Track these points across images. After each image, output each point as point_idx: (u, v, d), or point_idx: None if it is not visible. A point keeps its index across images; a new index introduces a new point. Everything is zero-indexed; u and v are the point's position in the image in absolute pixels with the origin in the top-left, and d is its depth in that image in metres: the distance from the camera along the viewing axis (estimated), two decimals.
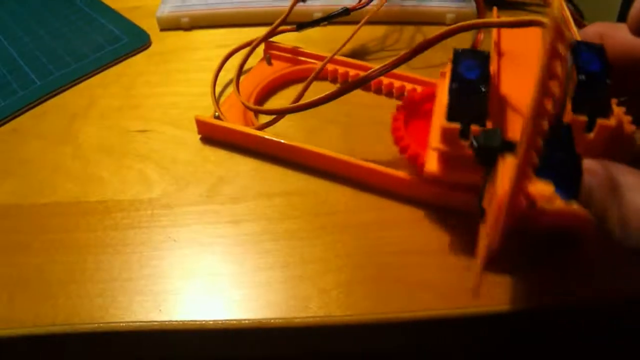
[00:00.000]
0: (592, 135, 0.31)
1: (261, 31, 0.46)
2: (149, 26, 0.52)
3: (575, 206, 0.25)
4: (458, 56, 0.33)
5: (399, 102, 0.39)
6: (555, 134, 0.26)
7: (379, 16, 0.49)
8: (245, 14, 0.50)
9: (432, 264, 0.33)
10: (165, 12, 0.52)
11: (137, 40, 0.50)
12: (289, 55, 0.46)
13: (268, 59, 0.46)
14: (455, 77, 0.31)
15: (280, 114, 0.40)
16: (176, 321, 0.32)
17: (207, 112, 0.42)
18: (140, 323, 0.32)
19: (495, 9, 0.43)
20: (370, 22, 0.48)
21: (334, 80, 0.46)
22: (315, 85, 0.40)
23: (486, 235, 0.26)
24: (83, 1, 0.56)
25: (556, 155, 0.26)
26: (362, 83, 0.36)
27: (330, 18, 0.47)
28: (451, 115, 0.31)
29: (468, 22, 0.33)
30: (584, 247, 0.28)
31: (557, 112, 0.27)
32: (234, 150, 0.40)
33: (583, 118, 0.30)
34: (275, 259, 0.34)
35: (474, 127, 0.31)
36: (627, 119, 0.33)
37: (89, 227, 0.36)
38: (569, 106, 0.30)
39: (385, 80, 0.44)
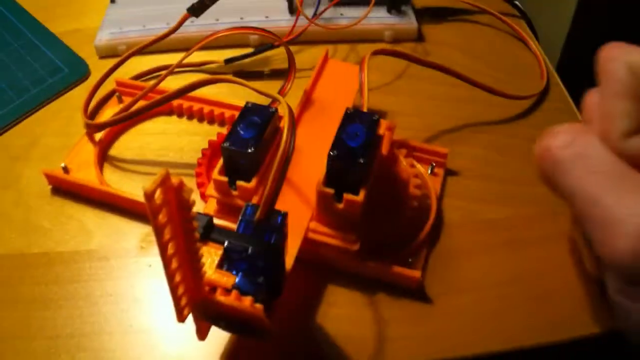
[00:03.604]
0: (341, 205, 0.35)
1: (199, 56, 0.50)
2: (89, 52, 0.53)
3: (247, 302, 0.28)
4: (245, 112, 0.37)
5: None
6: (263, 227, 0.31)
7: (314, 36, 0.51)
8: (182, 39, 0.50)
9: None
10: (103, 40, 0.53)
11: (77, 71, 0.51)
12: (139, 92, 0.46)
13: (119, 97, 0.48)
14: (229, 136, 0.36)
15: (101, 127, 0.43)
16: None
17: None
18: None
19: (327, 49, 0.47)
20: (305, 42, 0.50)
21: (180, 115, 0.48)
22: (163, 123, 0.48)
23: None
24: (27, 26, 0.56)
25: (252, 250, 0.30)
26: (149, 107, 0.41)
27: (255, 54, 0.49)
28: (225, 170, 0.36)
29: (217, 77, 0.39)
30: (256, 332, 0.31)
31: (261, 213, 0.31)
32: None
33: (329, 191, 0.34)
34: None
35: (240, 183, 0.35)
36: (415, 182, 0.39)
37: (32, 281, 0.39)
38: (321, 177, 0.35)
39: (206, 108, 0.47)
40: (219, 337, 0.35)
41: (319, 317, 0.36)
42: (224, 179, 0.36)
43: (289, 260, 0.35)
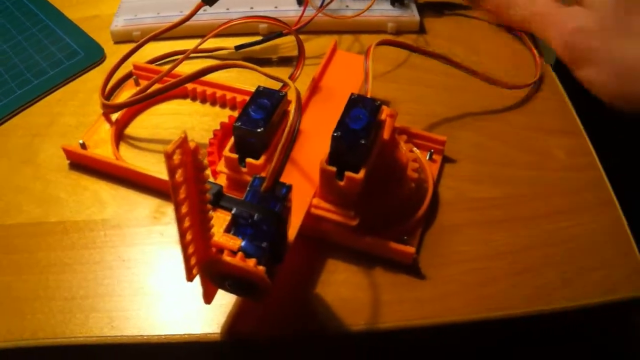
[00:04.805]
0: (342, 183, 0.37)
1: (219, 41, 0.52)
2: (105, 38, 0.56)
3: (251, 263, 0.31)
4: (256, 94, 0.39)
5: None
6: (268, 198, 0.33)
7: (320, 26, 0.53)
8: (194, 27, 0.53)
9: None
10: (119, 26, 0.55)
11: (93, 55, 0.54)
12: (155, 75, 0.48)
13: (136, 80, 0.50)
14: (241, 117, 0.38)
15: (118, 108, 0.46)
16: (126, 336, 0.37)
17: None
18: (96, 337, 0.37)
19: (335, 40, 0.49)
20: (311, 32, 0.53)
21: (194, 98, 0.51)
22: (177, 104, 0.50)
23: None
24: (44, 13, 0.58)
25: (258, 217, 0.32)
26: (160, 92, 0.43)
27: (265, 41, 0.52)
28: (235, 148, 0.38)
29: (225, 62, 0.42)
30: (257, 293, 0.33)
31: (268, 184, 0.33)
32: None
33: (332, 169, 0.36)
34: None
35: (249, 160, 0.38)
36: (413, 165, 0.41)
37: (49, 247, 0.41)
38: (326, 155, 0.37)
39: (219, 92, 0.49)
40: (223, 302, 0.38)
41: (318, 284, 0.39)
42: (235, 156, 0.39)
43: (292, 232, 0.37)
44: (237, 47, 0.52)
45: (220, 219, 0.33)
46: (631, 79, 0.43)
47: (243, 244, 0.32)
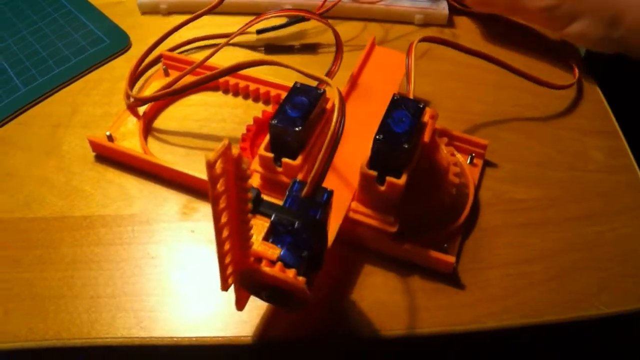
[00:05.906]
0: (383, 188, 0.35)
1: (239, 20, 0.50)
2: (130, 25, 0.54)
3: (290, 274, 0.29)
4: (293, 91, 0.38)
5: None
6: (309, 204, 0.31)
7: (347, 13, 0.52)
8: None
9: None
10: None
11: (118, 43, 0.52)
12: (185, 66, 0.46)
13: (165, 70, 0.48)
14: (277, 114, 0.36)
15: (146, 101, 0.44)
16: (156, 337, 0.35)
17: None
18: (123, 338, 0.35)
19: (374, 37, 0.47)
20: (338, 18, 0.51)
21: (226, 91, 0.49)
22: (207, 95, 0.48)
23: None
24: None
25: (298, 224, 0.30)
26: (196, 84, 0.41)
27: (286, 25, 0.50)
28: (271, 147, 0.37)
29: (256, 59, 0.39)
30: (294, 304, 0.31)
31: (309, 190, 0.31)
32: None
33: (372, 173, 0.35)
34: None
35: (285, 160, 0.36)
36: (454, 170, 0.39)
37: (74, 243, 0.39)
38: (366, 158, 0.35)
39: (252, 86, 0.47)
40: (257, 303, 0.35)
41: (355, 286, 0.37)
42: (270, 155, 0.37)
43: (330, 238, 0.35)
44: (259, 31, 0.50)
45: (258, 225, 0.31)
46: (616, 19, 0.45)
47: (282, 253, 0.30)
